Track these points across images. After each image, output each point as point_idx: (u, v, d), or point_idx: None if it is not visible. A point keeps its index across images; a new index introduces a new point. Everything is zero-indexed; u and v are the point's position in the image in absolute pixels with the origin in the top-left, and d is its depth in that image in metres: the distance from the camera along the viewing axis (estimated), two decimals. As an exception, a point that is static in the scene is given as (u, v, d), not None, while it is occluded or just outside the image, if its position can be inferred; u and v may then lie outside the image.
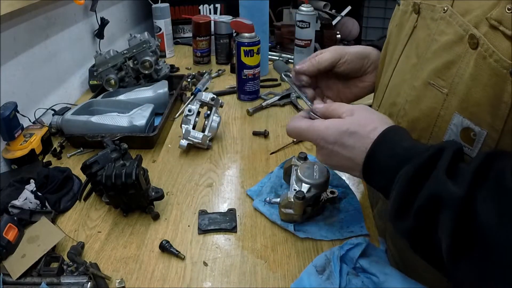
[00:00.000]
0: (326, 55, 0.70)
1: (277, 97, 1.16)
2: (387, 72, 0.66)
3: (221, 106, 0.98)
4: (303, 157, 0.73)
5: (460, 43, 0.47)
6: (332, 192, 0.71)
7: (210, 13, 1.69)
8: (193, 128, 0.93)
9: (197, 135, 0.91)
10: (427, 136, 0.53)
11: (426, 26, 0.55)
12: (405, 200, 0.45)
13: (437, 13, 0.52)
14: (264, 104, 1.13)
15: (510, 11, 0.41)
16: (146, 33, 1.17)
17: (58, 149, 0.93)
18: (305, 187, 0.65)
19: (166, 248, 0.65)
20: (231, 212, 0.73)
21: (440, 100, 0.50)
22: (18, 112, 0.85)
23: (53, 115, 0.97)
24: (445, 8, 0.51)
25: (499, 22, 0.42)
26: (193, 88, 1.24)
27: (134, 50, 1.15)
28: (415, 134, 0.55)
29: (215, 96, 0.95)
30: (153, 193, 0.73)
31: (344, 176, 0.80)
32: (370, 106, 0.68)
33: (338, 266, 0.57)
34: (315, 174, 0.67)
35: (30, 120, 0.94)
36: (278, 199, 0.68)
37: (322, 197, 0.70)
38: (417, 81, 0.55)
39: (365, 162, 0.52)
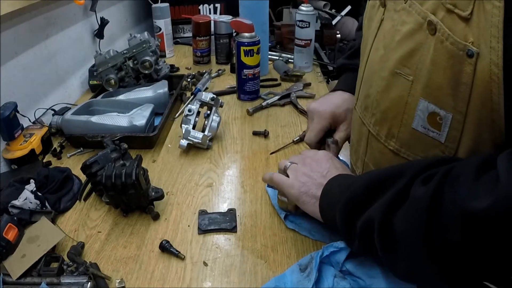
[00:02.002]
0: (316, 135, 0.79)
1: (277, 97, 1.16)
2: (361, 67, 0.67)
3: (221, 106, 0.98)
4: None
5: (420, 30, 0.48)
6: None
7: (210, 13, 1.69)
8: (193, 128, 0.93)
9: (197, 135, 0.91)
10: (398, 124, 0.55)
11: (390, 18, 0.56)
12: (347, 227, 0.54)
13: (399, 4, 0.54)
14: (264, 104, 1.13)
15: None
16: (146, 33, 1.17)
17: (58, 149, 0.93)
18: None
19: (166, 248, 0.65)
20: (231, 212, 0.73)
21: (406, 87, 0.52)
22: (18, 112, 0.85)
23: (53, 115, 0.98)
24: None
25: (454, 5, 0.43)
26: (193, 88, 1.24)
27: (134, 50, 1.15)
28: (387, 124, 0.57)
29: (215, 96, 0.95)
30: (153, 193, 0.73)
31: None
32: None
33: (317, 263, 0.58)
34: None
35: (30, 120, 0.94)
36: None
37: None
38: (385, 72, 0.56)
39: (321, 214, 0.61)
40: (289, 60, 1.47)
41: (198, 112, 0.95)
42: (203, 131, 0.93)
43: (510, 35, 0.39)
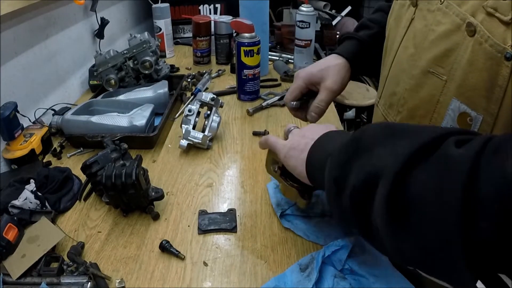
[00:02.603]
0: (330, 98, 0.74)
1: (277, 97, 1.16)
2: (386, 65, 0.68)
3: (221, 106, 0.98)
4: None
5: (458, 31, 0.49)
6: None
7: (210, 13, 1.69)
8: (193, 128, 0.93)
9: (197, 135, 0.91)
10: (427, 123, 0.55)
11: (423, 17, 0.57)
12: (338, 181, 0.45)
13: (434, 5, 0.54)
14: (264, 104, 1.13)
15: None
16: (146, 33, 1.17)
17: (58, 149, 0.93)
18: None
19: (166, 248, 0.65)
20: (231, 212, 0.73)
21: (439, 86, 0.52)
22: (18, 112, 0.85)
23: (53, 115, 0.98)
24: (442, 0, 0.53)
25: (495, 9, 0.44)
26: (193, 88, 1.24)
27: (134, 50, 1.15)
28: (415, 122, 0.57)
29: (215, 96, 0.95)
30: (153, 193, 0.73)
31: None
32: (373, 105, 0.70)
33: (319, 264, 0.58)
34: None
35: (30, 120, 0.94)
36: None
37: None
38: (415, 70, 0.57)
39: (307, 168, 0.55)
40: (289, 60, 1.47)
41: (198, 112, 0.95)
42: (203, 131, 0.93)
43: None
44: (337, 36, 1.64)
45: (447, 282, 0.41)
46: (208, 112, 0.95)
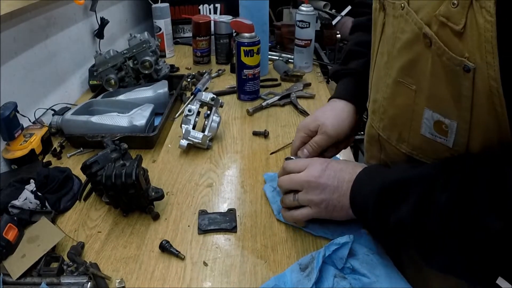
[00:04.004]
0: (325, 141, 0.74)
1: (277, 97, 1.16)
2: (371, 71, 0.66)
3: (221, 106, 0.98)
4: None
5: (418, 41, 0.47)
6: None
7: (210, 13, 1.69)
8: (193, 128, 0.93)
9: (197, 135, 0.91)
10: (408, 130, 0.54)
11: (391, 23, 0.55)
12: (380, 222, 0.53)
13: (397, 10, 0.52)
14: (264, 104, 1.13)
15: (455, 6, 0.40)
16: (146, 33, 1.17)
17: (58, 149, 0.93)
18: None
19: (166, 248, 0.65)
20: (231, 212, 0.73)
21: (411, 96, 0.51)
22: (18, 112, 0.85)
23: (53, 115, 0.98)
24: (402, 5, 0.50)
25: (446, 18, 0.42)
26: (193, 88, 1.24)
27: (134, 50, 1.15)
28: (398, 129, 0.56)
29: (215, 96, 0.95)
30: (153, 193, 0.72)
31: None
32: None
33: (320, 264, 0.57)
34: None
35: (30, 120, 0.94)
36: None
37: None
38: (389, 79, 0.56)
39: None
40: (289, 60, 1.47)
41: (198, 112, 0.95)
42: (203, 131, 0.93)
43: (504, 50, 0.38)
44: (337, 36, 1.64)
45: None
46: (208, 112, 0.95)
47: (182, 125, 0.93)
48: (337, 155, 0.84)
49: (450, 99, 0.45)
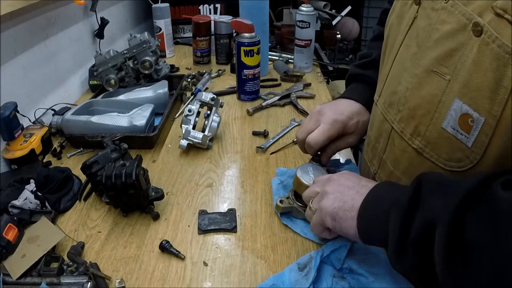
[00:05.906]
0: (324, 135, 0.73)
1: (277, 97, 1.16)
2: (387, 64, 0.67)
3: (221, 106, 0.98)
4: (317, 161, 0.77)
5: (463, 31, 0.48)
6: None
7: (210, 13, 1.69)
8: (193, 128, 0.93)
9: (197, 135, 0.91)
10: (427, 123, 0.54)
11: (426, 16, 0.56)
12: (401, 236, 0.47)
13: (438, 4, 0.54)
14: (264, 104, 1.13)
15: None
16: (146, 33, 1.17)
17: (58, 149, 0.93)
18: None
19: (166, 248, 0.65)
20: (231, 212, 0.73)
21: (442, 86, 0.52)
22: (18, 112, 0.85)
23: (53, 115, 0.98)
24: None
25: (504, 10, 0.43)
26: (193, 88, 1.24)
27: (134, 50, 1.15)
28: (415, 121, 0.56)
29: (215, 96, 0.95)
30: (153, 193, 0.73)
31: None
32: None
33: (318, 263, 0.57)
34: (310, 174, 0.70)
35: (30, 120, 0.94)
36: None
37: None
38: (418, 69, 0.56)
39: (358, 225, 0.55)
40: (289, 60, 1.47)
41: (198, 112, 0.95)
42: (203, 131, 0.93)
43: None
44: (337, 36, 1.64)
45: None
46: (208, 112, 0.95)
47: (182, 125, 0.93)
48: (337, 156, 0.84)
49: (487, 89, 0.45)
